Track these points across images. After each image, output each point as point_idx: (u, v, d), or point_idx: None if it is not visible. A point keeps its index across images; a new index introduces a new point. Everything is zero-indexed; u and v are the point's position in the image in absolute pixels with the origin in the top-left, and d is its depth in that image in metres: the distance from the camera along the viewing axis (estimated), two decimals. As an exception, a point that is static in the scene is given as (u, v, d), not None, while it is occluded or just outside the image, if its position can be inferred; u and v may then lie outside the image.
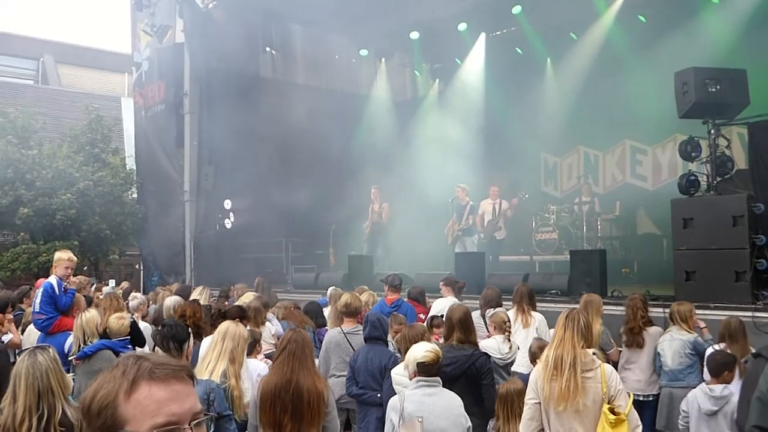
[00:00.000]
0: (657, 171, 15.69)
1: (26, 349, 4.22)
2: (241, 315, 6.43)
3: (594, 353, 4.19)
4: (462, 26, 16.60)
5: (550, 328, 6.46)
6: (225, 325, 5.19)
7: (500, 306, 7.16)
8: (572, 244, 14.12)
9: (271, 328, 7.37)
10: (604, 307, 7.12)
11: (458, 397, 4.47)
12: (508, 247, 14.72)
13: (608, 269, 9.92)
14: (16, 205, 16.98)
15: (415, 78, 20.10)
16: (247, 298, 8.47)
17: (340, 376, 6.25)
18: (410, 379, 4.51)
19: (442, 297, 8.48)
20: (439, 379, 4.47)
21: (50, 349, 3.83)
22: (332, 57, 18.75)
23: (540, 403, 4.00)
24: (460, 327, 5.12)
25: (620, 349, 6.82)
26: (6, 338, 7.13)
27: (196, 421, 1.43)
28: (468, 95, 16.88)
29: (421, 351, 4.47)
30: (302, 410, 4.16)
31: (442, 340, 5.76)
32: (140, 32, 18.56)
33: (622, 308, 7.27)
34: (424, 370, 4.39)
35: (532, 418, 4.02)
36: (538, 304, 7.36)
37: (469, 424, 4.40)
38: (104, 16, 55.82)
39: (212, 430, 1.52)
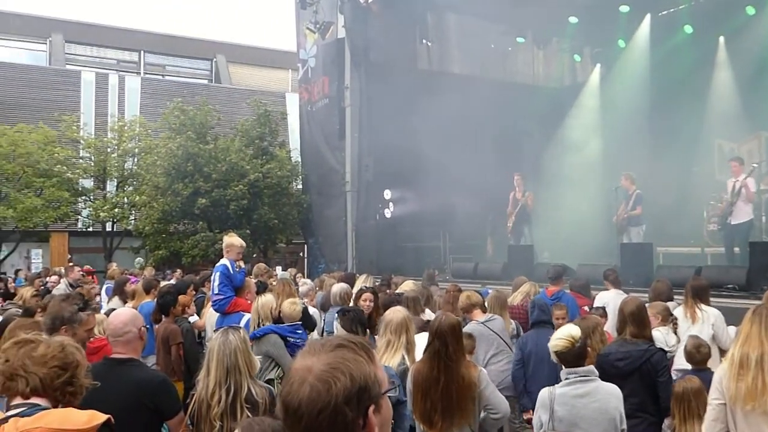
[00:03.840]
0: None
1: (218, 329, 4.58)
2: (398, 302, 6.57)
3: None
4: (624, 8, 15.93)
5: (728, 325, 6.10)
6: (391, 313, 5.29)
7: (671, 300, 6.83)
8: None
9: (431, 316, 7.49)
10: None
11: (617, 393, 4.17)
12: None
13: (792, 263, 9.13)
14: (195, 196, 18.39)
15: (574, 63, 19.50)
16: (407, 286, 8.64)
17: (495, 363, 6.28)
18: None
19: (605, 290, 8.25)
20: (591, 369, 4.19)
21: (241, 330, 4.09)
22: (488, 46, 18.61)
23: (725, 403, 3.78)
24: (633, 320, 4.91)
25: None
26: (192, 319, 7.78)
27: None
28: (632, 79, 16.14)
29: (554, 338, 4.22)
30: (452, 408, 4.19)
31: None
32: (305, 30, 19.39)
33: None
34: (561, 359, 4.16)
35: (716, 419, 3.81)
36: (713, 300, 6.94)
37: (624, 426, 4.14)
38: (270, 15, 58.78)
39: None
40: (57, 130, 22.56)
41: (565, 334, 4.19)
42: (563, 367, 4.22)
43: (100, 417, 2.45)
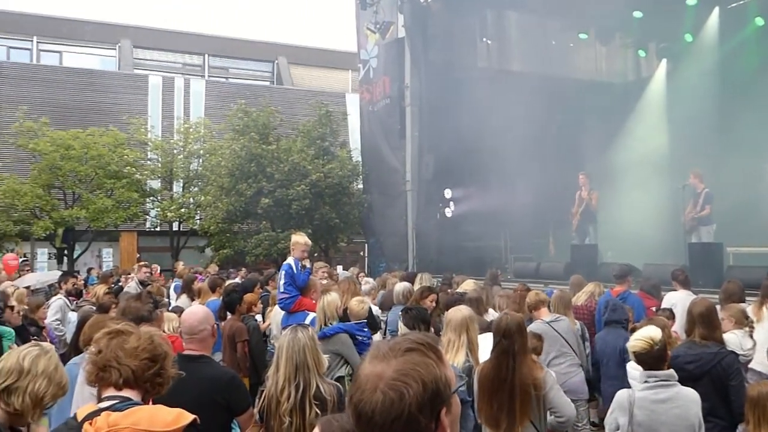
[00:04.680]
0: None
1: (284, 327, 4.68)
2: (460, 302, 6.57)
3: None
4: (691, 1, 15.46)
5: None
6: (452, 312, 5.29)
7: (743, 301, 6.64)
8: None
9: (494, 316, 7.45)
10: None
11: (697, 399, 4.10)
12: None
13: None
14: (258, 196, 18.73)
15: (639, 59, 19.06)
16: (467, 286, 8.62)
17: (556, 365, 6.24)
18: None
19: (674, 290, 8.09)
20: (672, 373, 4.10)
21: (310, 329, 4.17)
22: (549, 42, 18.36)
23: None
24: (702, 322, 4.81)
25: None
26: (260, 317, 7.95)
27: None
28: (700, 74, 15.67)
29: (632, 338, 4.15)
30: (517, 407, 4.20)
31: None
32: (366, 31, 19.51)
33: None
34: (639, 360, 4.09)
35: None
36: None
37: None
38: (330, 16, 59.34)
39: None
40: (126, 133, 23.30)
41: (644, 335, 4.11)
42: (641, 368, 4.15)
43: (187, 417, 2.50)
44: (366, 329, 5.94)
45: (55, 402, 2.98)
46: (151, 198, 24.25)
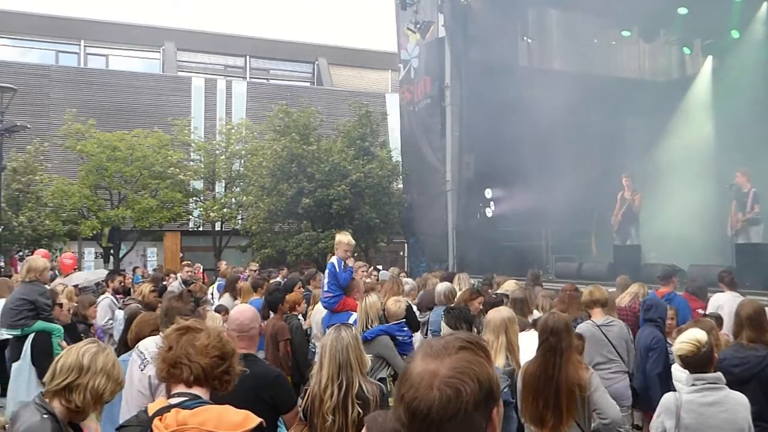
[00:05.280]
0: None
1: (326, 327, 4.73)
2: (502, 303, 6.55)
3: None
4: (739, -4, 15.16)
5: None
6: (492, 313, 5.28)
7: (793, 303, 6.50)
8: None
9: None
10: None
11: (746, 403, 3.99)
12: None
13: None
14: (299, 196, 18.86)
15: (683, 56, 18.72)
16: (509, 286, 8.57)
17: (599, 370, 6.15)
18: None
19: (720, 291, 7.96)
20: (720, 376, 4.00)
21: (353, 328, 4.21)
22: (591, 41, 18.15)
23: None
24: (750, 324, 4.72)
25: None
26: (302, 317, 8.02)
27: None
28: (748, 71, 15.31)
29: (678, 341, 4.06)
30: (563, 405, 4.18)
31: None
32: (406, 31, 19.53)
33: None
34: (686, 363, 4.00)
35: None
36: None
37: None
38: (369, 17, 59.44)
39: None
40: (170, 134, 23.70)
41: (690, 338, 4.02)
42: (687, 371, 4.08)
43: (254, 420, 2.52)
44: (406, 329, 5.96)
45: (113, 398, 3.06)
46: (194, 198, 24.60)
